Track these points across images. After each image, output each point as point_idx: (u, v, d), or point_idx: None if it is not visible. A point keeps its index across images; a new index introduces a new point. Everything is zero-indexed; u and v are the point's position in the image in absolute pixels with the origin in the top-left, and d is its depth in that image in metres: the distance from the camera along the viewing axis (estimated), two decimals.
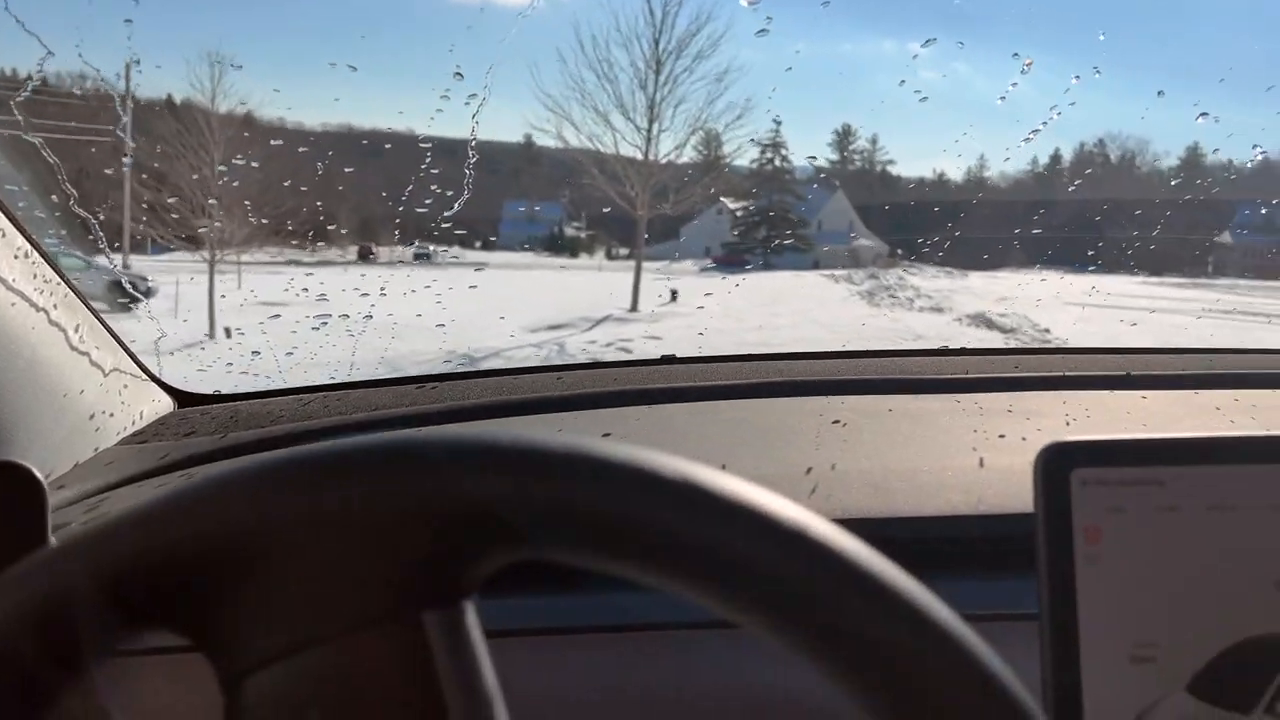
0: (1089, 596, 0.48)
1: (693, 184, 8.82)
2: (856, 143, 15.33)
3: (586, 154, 7.95)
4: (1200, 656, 0.48)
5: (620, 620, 0.64)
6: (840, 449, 0.80)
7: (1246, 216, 16.25)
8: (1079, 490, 0.48)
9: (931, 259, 11.45)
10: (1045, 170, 13.29)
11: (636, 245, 8.46)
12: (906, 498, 0.71)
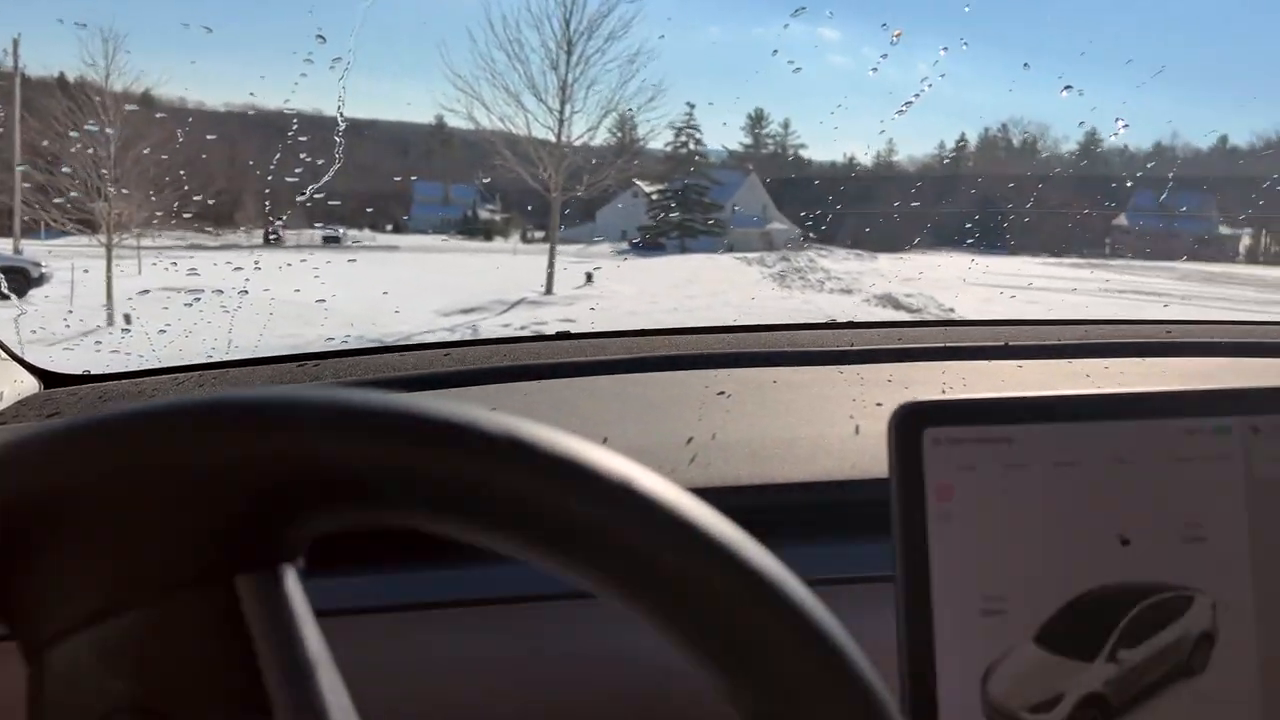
0: (941, 553, 0.49)
1: (606, 166, 8.79)
2: (769, 127, 15.47)
3: (499, 135, 7.86)
4: (1047, 608, 0.49)
5: (482, 594, 0.63)
6: (723, 419, 0.81)
7: (1142, 200, 16.90)
8: (931, 449, 0.49)
9: (841, 242, 11.65)
10: (951, 154, 13.60)
11: (551, 228, 8.41)
12: (783, 465, 0.72)
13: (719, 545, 0.28)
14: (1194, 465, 0.50)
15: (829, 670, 0.28)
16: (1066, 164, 11.22)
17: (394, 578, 0.63)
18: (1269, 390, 0.51)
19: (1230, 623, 0.50)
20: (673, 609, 0.28)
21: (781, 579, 0.28)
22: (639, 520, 0.28)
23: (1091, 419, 0.50)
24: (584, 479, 0.28)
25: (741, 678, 0.28)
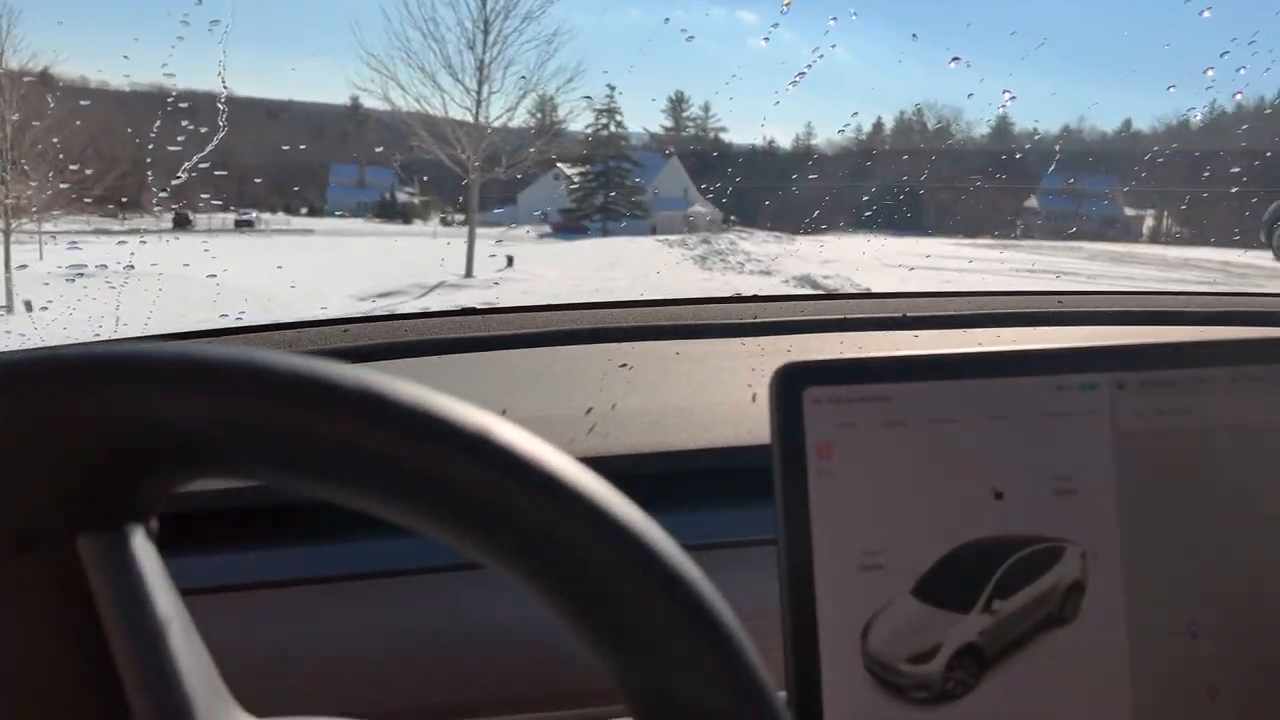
0: (821, 510, 0.50)
1: (526, 148, 8.72)
2: (689, 110, 15.50)
3: (415, 116, 7.73)
4: (924, 562, 0.50)
5: (370, 568, 0.63)
6: (623, 390, 0.81)
7: (1051, 183, 17.40)
8: (811, 408, 0.50)
9: (762, 224, 11.76)
10: (868, 138, 13.80)
11: (470, 210, 8.31)
12: (681, 432, 0.72)
13: (574, 493, 0.28)
14: (1064, 421, 0.52)
15: (681, 609, 0.28)
16: (979, 147, 11.46)
17: (288, 552, 0.62)
18: (1133, 348, 0.53)
19: (1098, 572, 0.51)
20: (524, 557, 0.28)
21: (642, 527, 0.29)
22: (489, 469, 0.28)
23: (966, 377, 0.51)
24: (438, 431, 0.28)
25: (589, 624, 0.28)
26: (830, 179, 10.46)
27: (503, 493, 0.28)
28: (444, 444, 0.28)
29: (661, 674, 0.28)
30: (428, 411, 0.28)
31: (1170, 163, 2.38)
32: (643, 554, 0.28)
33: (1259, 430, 0.53)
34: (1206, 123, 2.08)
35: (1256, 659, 0.52)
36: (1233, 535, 0.52)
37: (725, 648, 0.28)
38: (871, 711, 0.49)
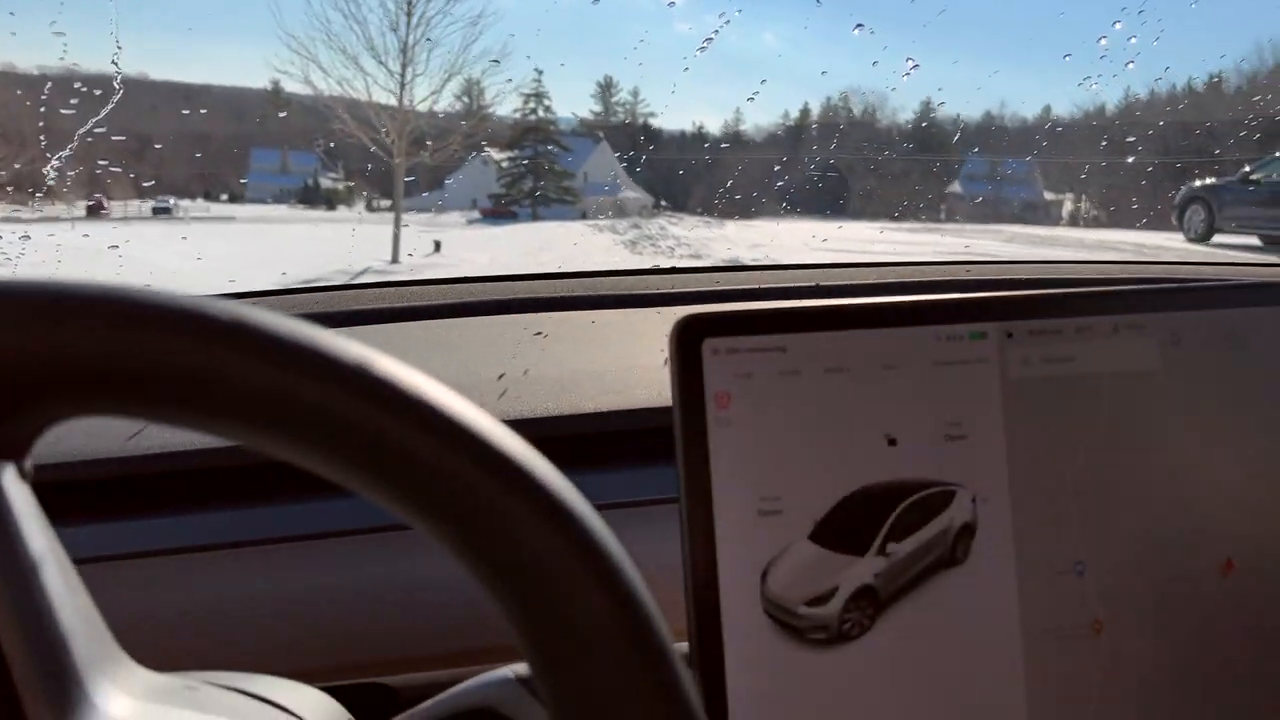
0: (720, 458, 0.51)
1: (452, 131, 8.61)
2: (618, 95, 15.46)
3: (338, 100, 7.58)
4: (820, 507, 0.52)
5: (296, 530, 0.62)
6: (537, 357, 0.81)
7: (973, 168, 17.79)
8: (710, 359, 0.51)
9: (692, 209, 11.80)
10: (795, 123, 13.92)
11: (395, 194, 8.18)
12: (593, 396, 0.73)
13: (447, 417, 0.28)
14: (954, 369, 0.53)
15: (550, 518, 0.28)
16: (904, 133, 11.64)
17: (212, 517, 0.61)
18: (1019, 297, 0.55)
19: (988, 514, 0.53)
20: (396, 482, 0.28)
21: (526, 456, 0.29)
22: (362, 397, 0.28)
23: (858, 327, 0.53)
24: (315, 361, 0.28)
25: (469, 551, 0.29)
26: (759, 164, 10.54)
27: (377, 421, 0.28)
28: (318, 373, 0.28)
29: (538, 597, 0.29)
30: (303, 342, 0.28)
31: (1087, 148, 2.47)
32: (527, 483, 0.28)
33: (1139, 376, 0.55)
34: (1121, 110, 2.17)
35: (1138, 594, 0.55)
36: (1115, 477, 0.55)
37: (598, 559, 0.28)
38: (770, 653, 0.50)
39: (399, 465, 0.28)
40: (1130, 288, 0.56)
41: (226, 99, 11.46)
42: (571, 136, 13.88)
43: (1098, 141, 3.73)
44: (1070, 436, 0.54)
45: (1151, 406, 0.55)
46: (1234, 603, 0.56)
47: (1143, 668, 0.54)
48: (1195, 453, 0.56)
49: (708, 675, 0.49)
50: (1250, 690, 0.56)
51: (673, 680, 0.30)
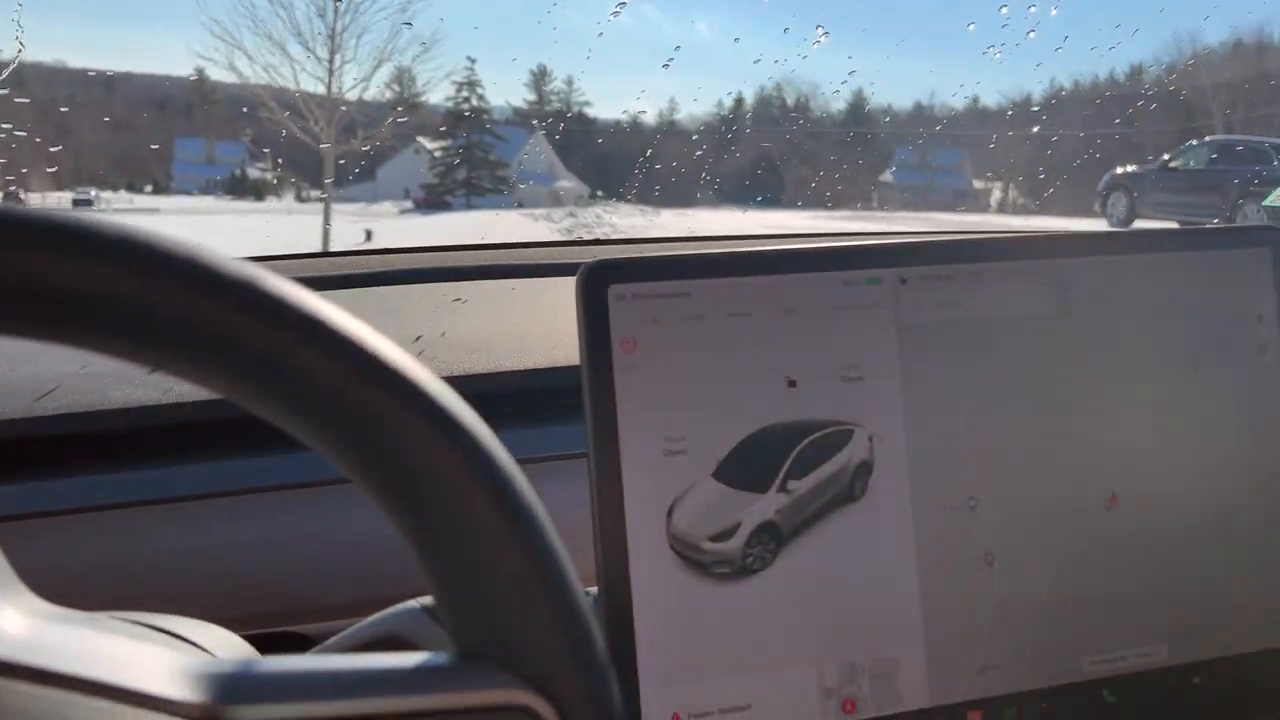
0: (627, 400, 0.52)
1: (382, 120, 8.50)
2: (553, 84, 15.37)
3: (265, 87, 7.43)
4: (724, 446, 0.53)
5: (227, 486, 0.63)
6: (454, 320, 0.82)
7: (904, 157, 18.12)
8: (616, 305, 0.52)
9: (628, 198, 11.81)
10: (730, 113, 14.01)
11: (326, 185, 8.06)
12: (510, 356, 0.74)
13: (336, 333, 0.29)
14: (851, 313, 0.56)
15: (439, 432, 0.29)
16: (837, 123, 11.78)
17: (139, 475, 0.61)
18: (913, 244, 0.57)
19: (885, 453, 0.56)
20: (286, 400, 0.29)
21: (401, 362, 0.30)
22: (248, 313, 0.28)
23: (760, 273, 0.54)
24: (205, 277, 0.28)
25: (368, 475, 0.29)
26: (695, 153, 10.57)
27: (260, 333, 0.28)
28: (207, 288, 0.28)
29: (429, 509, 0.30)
30: (193, 258, 0.28)
31: (1015, 138, 2.53)
32: (410, 390, 0.29)
33: (1028, 319, 0.58)
34: (1047, 101, 2.25)
35: (1028, 528, 0.57)
36: (1005, 416, 0.57)
37: (482, 464, 0.30)
38: (676, 587, 0.52)
39: (279, 374, 0.29)
40: (1020, 234, 0.59)
41: (149, 87, 11.13)
42: (506, 125, 13.77)
43: (1024, 132, 3.85)
44: (962, 378, 0.57)
45: (1040, 349, 0.58)
46: (1118, 534, 0.59)
47: (1033, 597, 0.57)
48: (1082, 391, 0.59)
49: (615, 609, 0.51)
50: (1133, 616, 0.59)
51: (560, 578, 0.31)
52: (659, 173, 11.09)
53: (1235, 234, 0.63)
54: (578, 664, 0.31)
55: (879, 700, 0.54)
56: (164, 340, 0.28)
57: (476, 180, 12.73)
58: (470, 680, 0.31)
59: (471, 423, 0.30)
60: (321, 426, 0.29)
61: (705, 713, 0.52)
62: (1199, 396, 0.61)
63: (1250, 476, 0.61)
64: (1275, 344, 0.62)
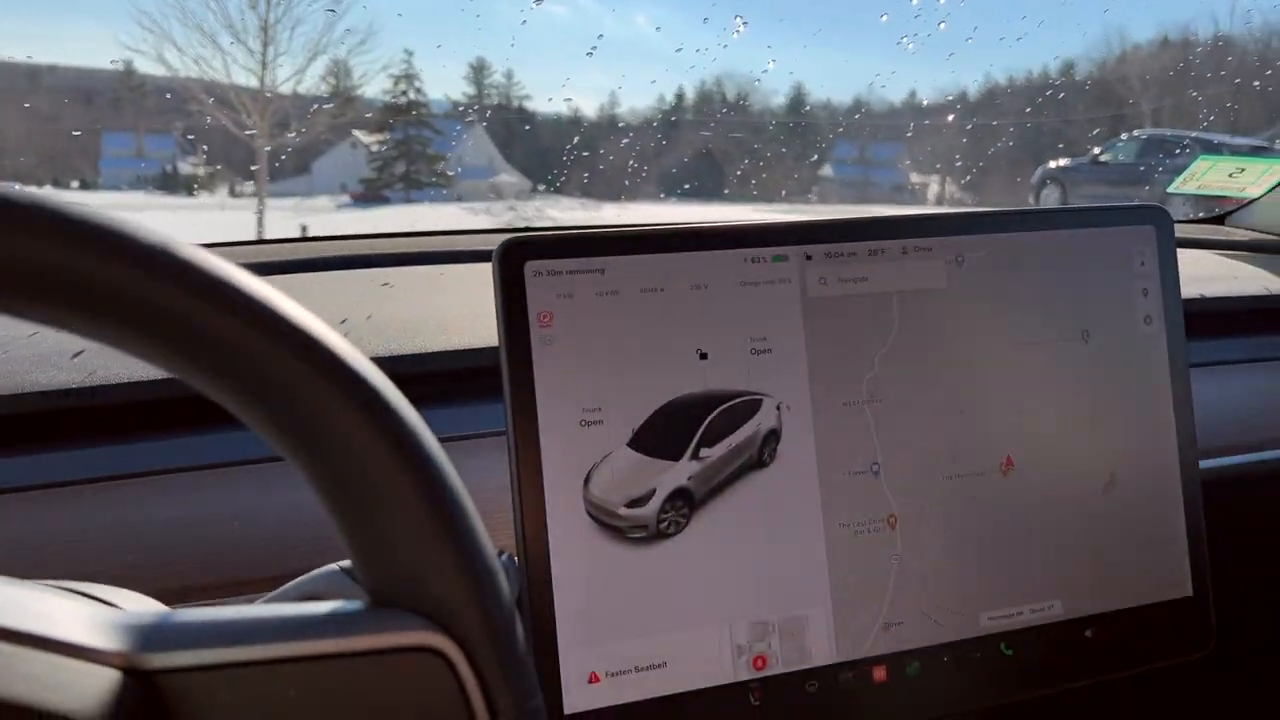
0: (544, 373, 0.54)
1: (318, 114, 8.38)
2: (492, 77, 15.27)
3: (196, 81, 7.29)
4: (638, 416, 0.56)
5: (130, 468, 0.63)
6: (380, 304, 0.83)
7: (844, 151, 18.31)
8: (532, 280, 0.54)
9: (570, 192, 11.79)
10: (671, 108, 14.04)
11: (259, 178, 7.92)
12: (435, 337, 0.75)
13: (222, 283, 0.30)
14: (759, 289, 0.58)
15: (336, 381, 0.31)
16: (777, 117, 11.87)
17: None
18: (818, 223, 0.60)
19: (792, 421, 0.58)
20: (199, 361, 0.30)
21: (299, 317, 0.31)
22: (164, 278, 0.29)
23: (671, 250, 0.57)
24: (120, 245, 0.30)
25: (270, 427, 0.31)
26: (636, 148, 10.60)
27: (169, 293, 0.29)
28: (121, 251, 0.30)
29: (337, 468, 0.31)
30: (103, 226, 0.30)
31: (951, 132, 2.60)
32: (306, 343, 0.31)
33: (926, 293, 0.61)
34: (983, 96, 2.32)
35: (928, 491, 0.60)
36: (906, 385, 0.60)
37: (382, 413, 0.31)
38: (593, 551, 0.54)
39: (190, 336, 0.30)
40: (917, 213, 0.62)
41: (75, 80, 10.83)
42: (445, 119, 13.65)
43: (961, 126, 3.95)
44: (865, 349, 0.60)
45: (938, 321, 0.61)
46: (1013, 496, 0.62)
47: (932, 556, 0.60)
48: (978, 362, 0.62)
49: (535, 573, 0.53)
50: (1029, 574, 0.62)
51: (464, 526, 0.33)
52: (601, 167, 11.07)
53: (1122, 213, 0.66)
54: (482, 607, 0.33)
55: (788, 656, 0.57)
56: (78, 302, 0.29)
57: (415, 174, 12.60)
58: (380, 624, 0.33)
59: (373, 376, 0.32)
60: (227, 382, 0.31)
61: (622, 670, 0.54)
62: (1088, 366, 0.64)
63: (1137, 441, 0.65)
64: (1159, 316, 0.66)
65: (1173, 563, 0.66)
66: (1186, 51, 2.51)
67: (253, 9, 7.61)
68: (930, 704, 0.60)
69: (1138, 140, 10.27)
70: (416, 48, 6.86)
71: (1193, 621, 0.66)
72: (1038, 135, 2.95)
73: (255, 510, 0.62)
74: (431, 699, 0.33)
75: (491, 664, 0.33)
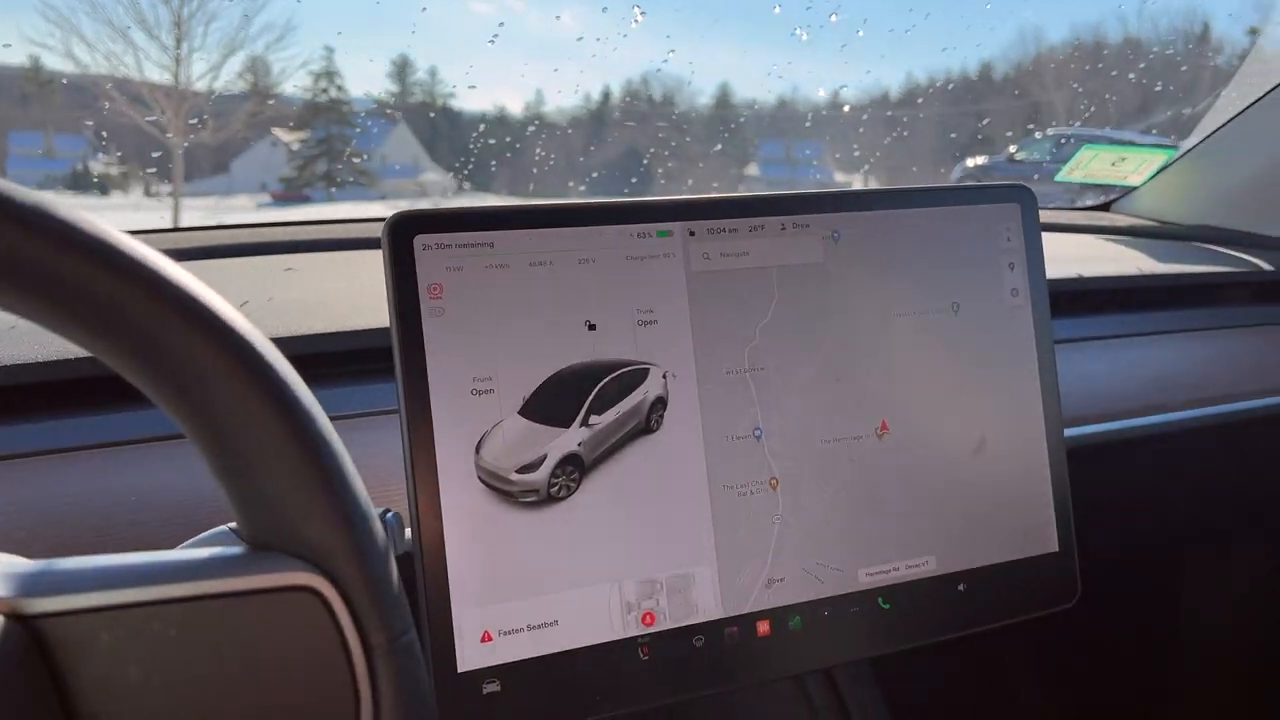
0: (434, 343, 0.56)
1: (236, 111, 8.20)
2: (416, 74, 15.07)
3: (107, 77, 7.08)
4: (529, 385, 0.58)
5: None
6: (282, 288, 0.84)
7: (770, 151, 18.51)
8: (421, 253, 0.56)
9: (497, 191, 11.73)
10: (598, 107, 14.04)
11: (175, 177, 7.72)
12: (338, 317, 0.76)
13: (81, 232, 0.31)
14: (645, 262, 0.61)
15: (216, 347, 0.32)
16: (703, 117, 11.95)
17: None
18: (701, 200, 0.63)
19: (678, 389, 0.61)
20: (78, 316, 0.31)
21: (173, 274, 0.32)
22: (43, 235, 0.31)
23: (559, 225, 0.59)
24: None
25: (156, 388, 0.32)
26: (563, 146, 10.57)
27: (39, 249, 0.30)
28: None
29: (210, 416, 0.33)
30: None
31: (873, 131, 2.68)
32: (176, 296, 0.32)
33: (804, 267, 0.64)
34: (904, 95, 2.40)
35: (808, 454, 0.64)
36: (787, 354, 0.63)
37: (248, 362, 0.33)
38: (486, 516, 0.56)
39: (70, 293, 0.31)
40: (796, 192, 0.65)
41: None
42: (368, 117, 13.45)
43: (883, 125, 4.06)
44: (746, 321, 0.63)
45: (816, 293, 0.65)
46: (888, 459, 0.66)
47: (813, 516, 0.64)
48: (854, 332, 0.65)
49: (429, 538, 0.55)
50: (904, 532, 0.66)
51: (338, 471, 0.35)
52: (527, 165, 11.04)
53: (989, 191, 0.70)
54: (355, 548, 0.35)
55: (675, 613, 0.60)
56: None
57: (337, 173, 12.40)
58: (257, 566, 0.35)
59: (245, 328, 0.33)
60: (107, 337, 0.32)
61: (515, 630, 0.57)
62: (958, 336, 0.68)
63: (1005, 407, 0.70)
64: (1025, 289, 0.71)
65: (1040, 520, 0.70)
66: (1099, 52, 2.64)
67: (165, 3, 7.40)
68: (811, 657, 0.63)
69: (1051, 138, 10.58)
70: (321, 35, 6.72)
71: (1059, 575, 0.71)
72: (958, 134, 3.08)
73: (153, 487, 0.63)
74: (308, 637, 0.35)
75: (364, 602, 0.35)
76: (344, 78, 10.63)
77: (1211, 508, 1.13)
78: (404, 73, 10.14)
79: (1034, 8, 1.95)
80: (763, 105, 4.85)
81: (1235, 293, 1.23)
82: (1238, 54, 1.52)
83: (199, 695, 0.34)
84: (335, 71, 12.21)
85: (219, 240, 0.98)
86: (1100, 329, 1.01)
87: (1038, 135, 8.00)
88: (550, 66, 1.33)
